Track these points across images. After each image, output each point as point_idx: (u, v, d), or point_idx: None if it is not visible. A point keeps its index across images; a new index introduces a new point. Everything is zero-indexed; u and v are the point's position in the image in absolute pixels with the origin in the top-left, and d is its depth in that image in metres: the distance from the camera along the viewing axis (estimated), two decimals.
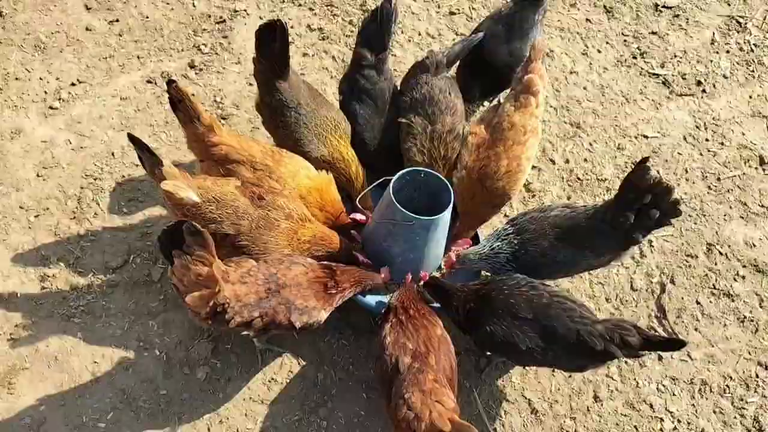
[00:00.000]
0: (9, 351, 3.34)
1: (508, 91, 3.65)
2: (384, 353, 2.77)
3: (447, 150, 3.53)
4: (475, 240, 3.65)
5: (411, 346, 2.73)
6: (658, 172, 4.29)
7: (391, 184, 3.28)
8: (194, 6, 4.71)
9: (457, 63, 3.92)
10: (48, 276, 3.57)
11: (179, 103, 3.17)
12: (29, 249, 3.66)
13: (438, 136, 3.52)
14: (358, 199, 3.56)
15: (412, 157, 3.56)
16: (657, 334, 3.56)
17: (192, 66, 4.44)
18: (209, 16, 4.68)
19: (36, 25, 4.51)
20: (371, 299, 3.39)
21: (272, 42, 3.28)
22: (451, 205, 3.28)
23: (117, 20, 4.59)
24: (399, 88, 3.79)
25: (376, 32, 3.58)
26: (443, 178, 3.38)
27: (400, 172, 3.36)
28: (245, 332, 3.09)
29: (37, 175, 3.91)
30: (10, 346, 3.35)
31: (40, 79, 4.29)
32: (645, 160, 2.91)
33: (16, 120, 4.10)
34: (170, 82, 3.14)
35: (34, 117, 4.13)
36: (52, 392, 3.26)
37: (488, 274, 3.50)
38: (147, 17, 4.63)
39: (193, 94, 3.18)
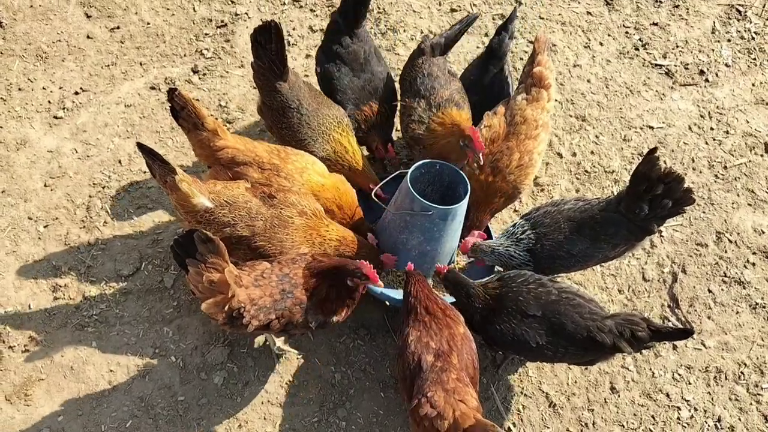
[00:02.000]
0: (24, 362, 3.33)
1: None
2: (406, 351, 2.76)
3: (445, 116, 3.51)
4: (487, 234, 3.64)
5: (434, 344, 2.72)
6: (665, 162, 4.30)
7: (408, 175, 3.28)
8: (195, 11, 4.69)
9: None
10: (60, 286, 3.56)
11: (182, 110, 3.14)
12: (40, 259, 3.64)
13: (436, 105, 3.54)
14: (373, 193, 3.55)
15: (414, 130, 3.57)
16: (665, 325, 3.56)
17: (195, 71, 4.42)
18: (210, 20, 4.66)
19: (36, 34, 4.48)
20: (393, 292, 3.36)
21: (268, 44, 3.27)
22: (468, 196, 3.28)
23: (118, 27, 4.57)
24: (400, 75, 3.86)
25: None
26: (459, 170, 3.38)
27: (416, 164, 3.36)
28: (262, 334, 3.09)
29: (45, 185, 3.89)
30: (25, 357, 3.35)
31: (43, 88, 4.27)
32: (653, 150, 2.92)
33: (21, 131, 4.08)
34: (171, 91, 3.10)
35: (38, 127, 4.12)
36: (69, 402, 3.25)
37: (500, 268, 3.50)
38: (148, 23, 4.61)
39: (196, 99, 3.14)
